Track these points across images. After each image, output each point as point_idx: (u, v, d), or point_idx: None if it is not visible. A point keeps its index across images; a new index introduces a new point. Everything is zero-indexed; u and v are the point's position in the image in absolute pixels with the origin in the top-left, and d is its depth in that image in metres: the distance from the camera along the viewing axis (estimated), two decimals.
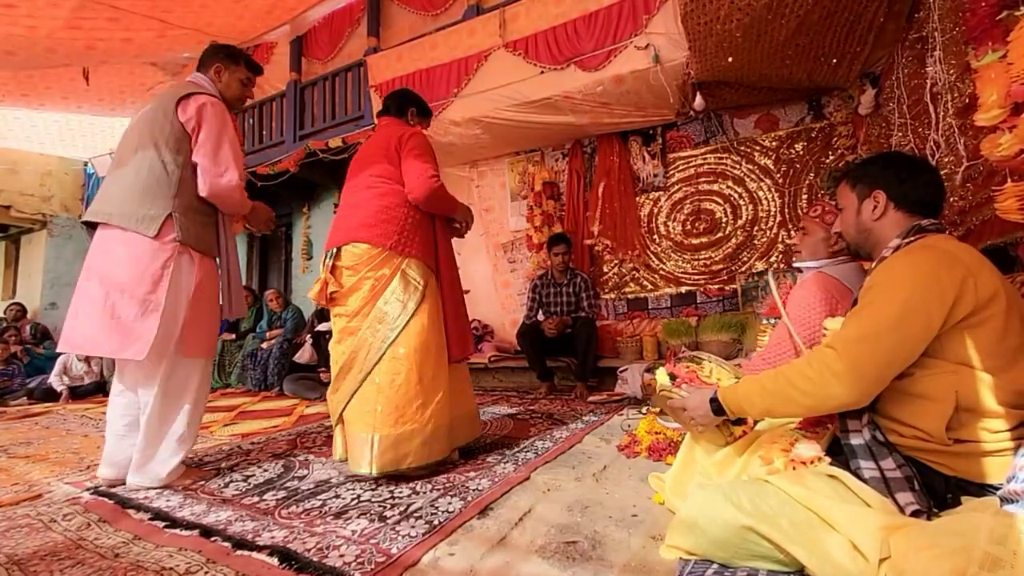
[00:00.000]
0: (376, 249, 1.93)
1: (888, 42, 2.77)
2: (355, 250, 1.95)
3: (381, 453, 1.79)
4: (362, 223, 1.97)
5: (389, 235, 1.94)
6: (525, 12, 3.69)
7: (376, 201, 1.99)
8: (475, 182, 4.90)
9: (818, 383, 1.03)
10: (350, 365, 1.92)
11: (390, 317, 1.91)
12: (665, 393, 1.39)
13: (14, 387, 4.77)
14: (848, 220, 1.27)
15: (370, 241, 1.93)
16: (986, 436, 0.96)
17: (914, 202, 1.16)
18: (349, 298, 1.97)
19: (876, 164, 1.24)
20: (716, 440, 1.36)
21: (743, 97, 3.54)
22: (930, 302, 0.97)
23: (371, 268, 1.93)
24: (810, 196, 3.63)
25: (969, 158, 1.95)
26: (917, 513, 0.94)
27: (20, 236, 7.56)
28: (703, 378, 1.36)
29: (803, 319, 1.50)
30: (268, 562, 1.24)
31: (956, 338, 0.98)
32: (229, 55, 2.10)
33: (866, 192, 1.21)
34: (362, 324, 1.93)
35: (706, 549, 1.05)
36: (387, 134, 2.11)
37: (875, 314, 1.01)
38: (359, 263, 1.94)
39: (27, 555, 1.32)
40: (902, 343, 0.99)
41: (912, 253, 1.07)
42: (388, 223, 1.96)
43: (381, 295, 1.93)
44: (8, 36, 3.64)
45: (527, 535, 1.35)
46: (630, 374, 3.29)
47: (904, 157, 1.25)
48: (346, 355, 1.94)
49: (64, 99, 5.24)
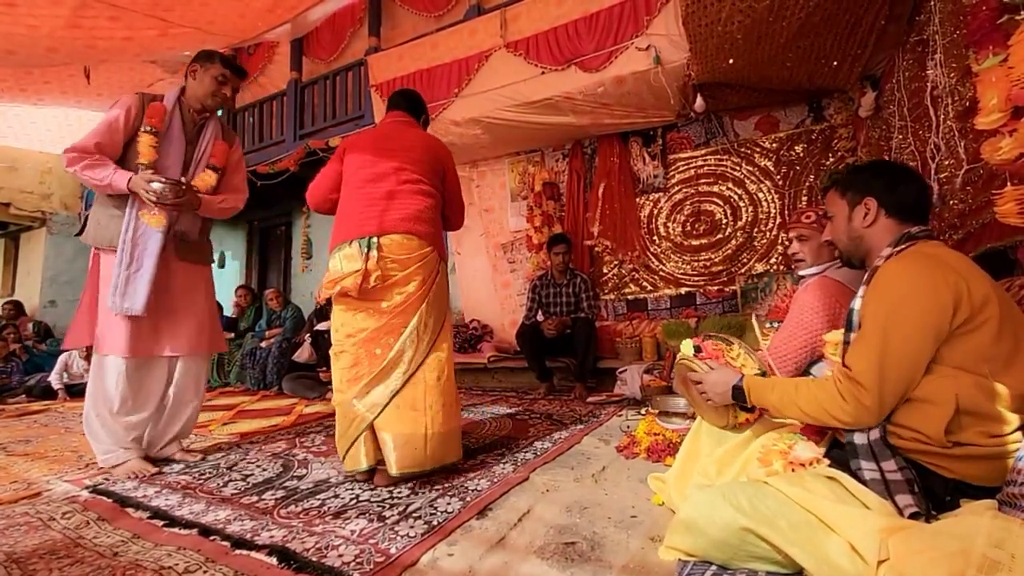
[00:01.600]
0: (428, 248, 1.89)
1: (889, 45, 2.77)
2: (407, 243, 1.86)
3: (434, 449, 1.77)
4: (413, 217, 1.88)
5: (436, 237, 1.94)
6: (526, 13, 3.69)
7: (419, 199, 1.93)
8: (475, 182, 4.90)
9: (854, 416, 1.04)
10: (393, 365, 1.80)
11: (435, 319, 1.87)
12: (686, 362, 1.41)
13: (12, 384, 4.77)
14: (839, 228, 1.29)
15: (424, 238, 1.89)
16: (985, 439, 0.96)
17: (904, 209, 1.18)
18: (390, 293, 1.84)
19: (866, 172, 1.26)
20: (718, 421, 1.38)
21: (744, 99, 3.54)
22: (939, 318, 0.99)
23: (422, 265, 1.87)
24: (810, 198, 3.64)
25: (969, 161, 1.96)
26: (916, 516, 0.95)
27: (19, 234, 7.55)
28: (729, 359, 1.36)
29: (804, 323, 1.49)
30: (267, 561, 1.24)
31: (953, 344, 1.00)
32: (206, 55, 2.14)
33: (857, 199, 1.23)
34: (409, 321, 1.82)
35: (705, 550, 1.05)
36: (428, 142, 2.05)
37: (892, 345, 1.01)
38: (410, 258, 1.85)
39: (26, 553, 1.32)
40: (919, 365, 1.01)
41: (906, 264, 1.07)
42: (433, 224, 1.95)
43: (429, 294, 1.88)
44: (8, 35, 3.63)
45: (526, 536, 1.35)
46: (629, 375, 3.29)
47: (893, 165, 1.28)
48: (392, 354, 1.80)
49: (63, 94, 5.23)
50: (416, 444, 1.75)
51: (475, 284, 4.95)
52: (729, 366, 1.34)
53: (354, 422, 1.80)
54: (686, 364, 1.41)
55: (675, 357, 1.49)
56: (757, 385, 1.22)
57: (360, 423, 1.78)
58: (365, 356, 1.82)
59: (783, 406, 1.16)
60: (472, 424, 2.71)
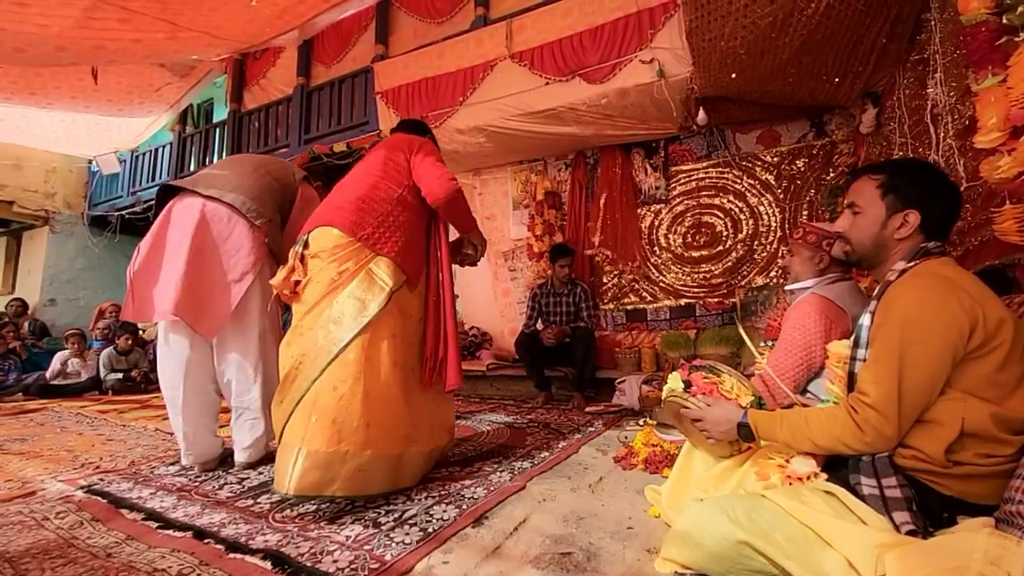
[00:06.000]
0: (346, 238, 1.71)
1: (890, 63, 2.80)
2: (323, 236, 1.74)
3: (304, 472, 1.52)
4: (337, 207, 1.80)
5: (363, 225, 1.74)
6: (532, 24, 3.73)
7: (360, 190, 1.83)
8: (478, 190, 4.93)
9: (871, 445, 1.01)
10: (296, 372, 1.64)
11: (347, 317, 1.65)
12: (677, 400, 1.36)
13: (9, 382, 4.76)
14: (865, 228, 1.16)
15: (341, 227, 1.72)
16: (984, 460, 0.96)
17: (938, 227, 1.11)
18: (306, 292, 1.73)
19: (916, 179, 1.12)
20: (720, 452, 1.35)
21: (746, 113, 3.57)
22: (955, 343, 0.97)
23: (335, 259, 1.70)
24: (810, 212, 3.65)
25: (968, 179, 1.97)
26: (913, 533, 0.94)
27: (22, 232, 7.57)
28: (723, 392, 1.32)
29: (799, 342, 1.49)
30: (261, 566, 1.23)
31: (964, 368, 0.98)
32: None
33: (898, 207, 1.12)
34: (315, 323, 1.66)
35: (702, 563, 1.05)
36: (395, 139, 2.05)
37: (910, 372, 0.98)
38: (324, 250, 1.72)
39: (19, 553, 1.32)
40: (936, 390, 1.00)
41: (921, 286, 1.02)
42: (365, 212, 1.77)
43: (341, 291, 1.68)
44: (19, 34, 3.66)
45: (521, 545, 1.35)
46: (628, 385, 3.28)
47: (943, 177, 1.14)
48: (293, 359, 1.65)
49: (72, 98, 5.27)
50: (287, 460, 1.56)
51: (475, 291, 4.95)
52: (724, 399, 1.30)
53: (276, 432, 1.68)
54: (678, 401, 1.36)
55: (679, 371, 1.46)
56: (764, 422, 1.17)
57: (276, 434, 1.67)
58: (287, 360, 1.69)
59: (795, 441, 1.11)
60: (469, 432, 2.71)
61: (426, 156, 1.92)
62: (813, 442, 1.08)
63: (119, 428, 3.10)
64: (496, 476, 1.91)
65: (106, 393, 4.76)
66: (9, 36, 3.67)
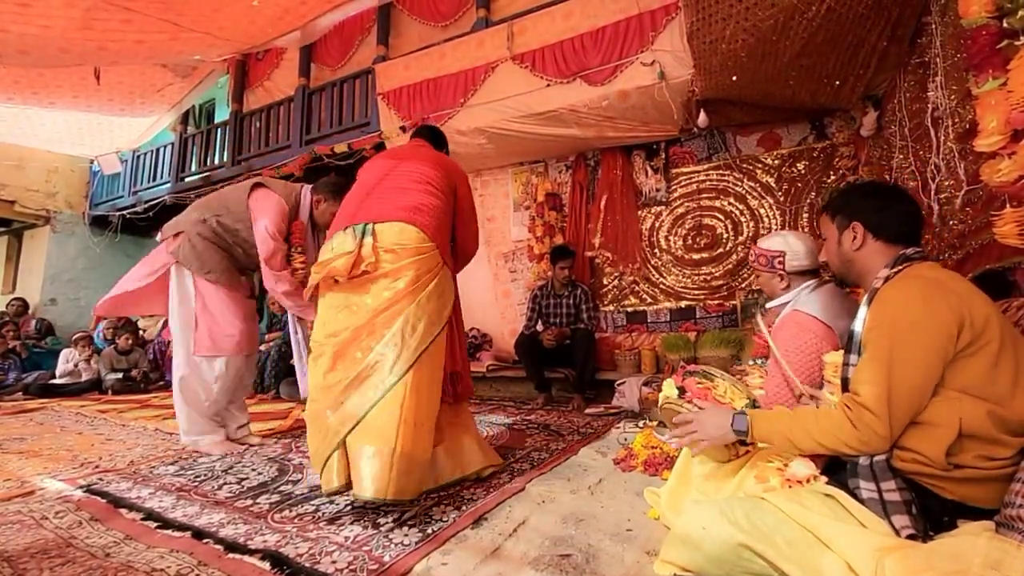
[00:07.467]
0: (428, 243, 1.68)
1: (891, 66, 2.80)
2: (404, 232, 1.66)
3: (399, 474, 1.47)
4: (415, 207, 1.72)
5: (440, 233, 1.74)
6: (533, 26, 3.74)
7: (429, 198, 1.78)
8: (478, 191, 4.92)
9: (865, 443, 1.02)
10: (368, 372, 1.55)
11: (426, 322, 1.61)
12: (672, 406, 1.36)
13: (9, 382, 4.76)
14: (831, 250, 1.30)
15: (425, 229, 1.68)
16: (985, 463, 0.96)
17: (892, 232, 1.17)
18: (378, 288, 1.63)
19: (854, 195, 1.27)
20: (718, 457, 1.34)
21: (746, 115, 3.57)
22: (944, 342, 0.98)
23: (417, 260, 1.65)
24: (811, 215, 3.65)
25: (969, 182, 1.97)
26: (912, 537, 0.94)
27: (23, 231, 7.57)
28: (717, 396, 1.33)
29: (801, 365, 1.46)
30: (259, 566, 1.23)
31: (957, 367, 0.99)
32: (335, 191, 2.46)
33: (845, 223, 1.24)
34: (394, 323, 1.57)
35: (701, 565, 1.05)
36: (440, 158, 2.04)
37: (898, 371, 1.00)
38: (405, 249, 1.64)
39: (17, 552, 1.32)
40: (927, 389, 1.00)
41: (907, 287, 1.06)
42: (438, 221, 1.76)
43: (422, 293, 1.63)
44: (22, 35, 3.67)
45: (521, 546, 1.34)
46: (628, 387, 3.28)
47: (881, 187, 1.27)
48: (371, 357, 1.55)
49: (74, 98, 5.28)
50: (382, 466, 1.48)
51: (475, 293, 4.94)
52: (718, 403, 1.31)
53: (327, 437, 1.56)
54: (672, 408, 1.36)
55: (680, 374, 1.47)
56: (759, 422, 1.17)
57: (333, 438, 1.55)
58: (342, 360, 1.60)
59: (794, 438, 1.11)
60: None
61: (469, 199, 2.02)
62: (813, 440, 1.08)
63: (119, 428, 3.10)
64: (495, 477, 1.91)
65: (106, 393, 4.76)
66: (13, 38, 3.68)
